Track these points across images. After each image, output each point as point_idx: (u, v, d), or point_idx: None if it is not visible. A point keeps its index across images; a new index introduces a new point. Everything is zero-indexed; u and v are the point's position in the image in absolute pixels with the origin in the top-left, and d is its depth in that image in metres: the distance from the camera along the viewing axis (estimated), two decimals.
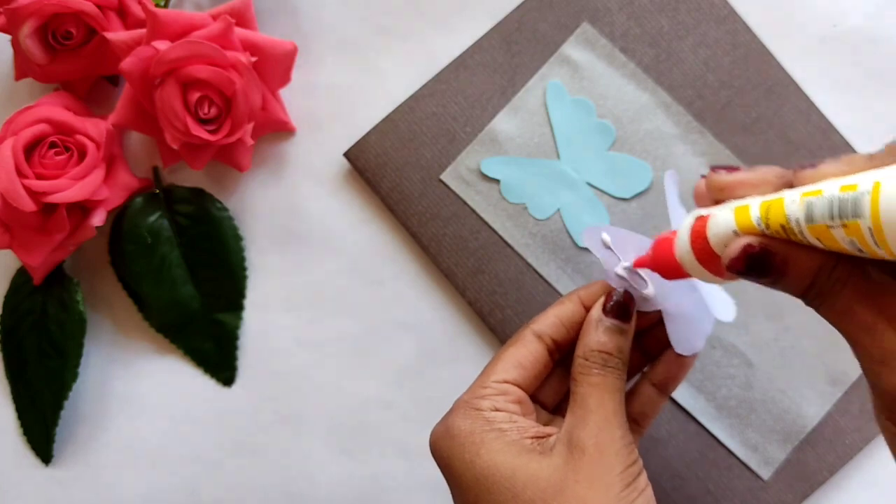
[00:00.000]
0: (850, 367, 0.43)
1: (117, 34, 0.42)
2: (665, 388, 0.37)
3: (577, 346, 0.35)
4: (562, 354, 0.37)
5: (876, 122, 0.45)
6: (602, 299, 0.35)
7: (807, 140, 0.44)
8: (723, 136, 0.45)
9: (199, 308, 0.46)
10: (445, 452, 0.34)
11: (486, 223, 0.45)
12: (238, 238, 0.46)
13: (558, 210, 0.45)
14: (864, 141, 0.44)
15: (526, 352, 0.35)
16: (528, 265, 0.45)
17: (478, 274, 0.45)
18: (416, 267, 0.46)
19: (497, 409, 0.34)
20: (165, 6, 0.46)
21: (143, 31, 0.42)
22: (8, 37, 0.44)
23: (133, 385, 0.47)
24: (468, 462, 0.32)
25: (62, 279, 0.46)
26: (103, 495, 0.46)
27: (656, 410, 0.37)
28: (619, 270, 0.35)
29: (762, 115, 0.45)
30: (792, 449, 0.43)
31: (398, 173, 0.46)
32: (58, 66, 0.44)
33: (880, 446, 0.43)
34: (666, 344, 0.37)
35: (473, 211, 0.45)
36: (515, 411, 0.34)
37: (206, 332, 0.46)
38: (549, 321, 0.36)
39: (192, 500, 0.46)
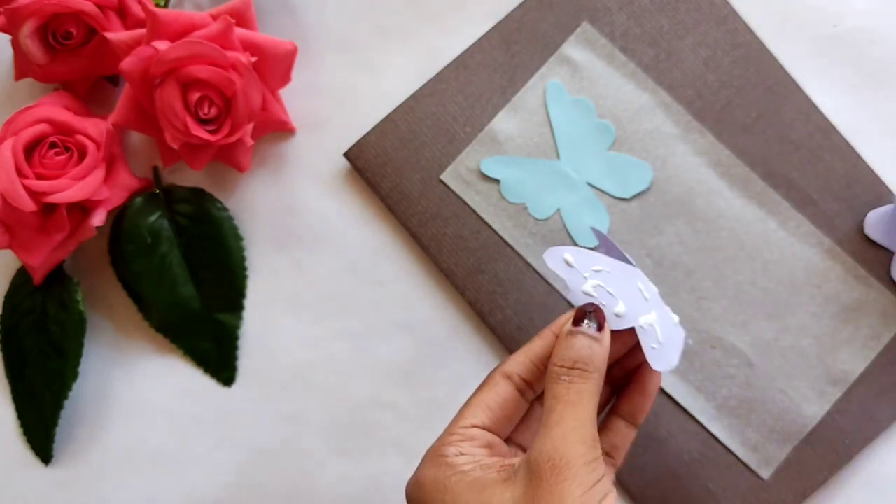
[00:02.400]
0: (850, 367, 0.43)
1: (117, 34, 0.42)
2: (634, 420, 0.36)
3: (549, 361, 0.34)
4: (536, 394, 0.36)
5: (876, 121, 0.45)
6: (573, 314, 0.34)
7: (807, 140, 0.44)
8: (723, 135, 0.45)
9: (199, 308, 0.46)
10: None
11: (486, 223, 0.45)
12: (238, 238, 0.46)
13: (558, 210, 0.45)
14: (865, 141, 0.44)
15: (494, 394, 0.34)
16: (528, 265, 0.45)
17: (478, 274, 0.45)
18: (416, 267, 0.46)
19: (462, 454, 0.33)
20: (165, 6, 0.46)
21: (143, 31, 0.42)
22: (8, 37, 0.44)
23: (133, 385, 0.47)
24: None
25: (62, 279, 0.46)
26: (103, 495, 0.46)
27: (627, 442, 0.36)
28: (587, 288, 0.35)
29: (762, 114, 0.45)
30: (792, 449, 0.43)
31: (398, 173, 0.46)
32: (58, 66, 0.44)
33: (880, 446, 0.43)
34: (630, 371, 0.37)
35: (473, 211, 0.45)
36: (482, 455, 0.33)
37: (206, 332, 0.46)
38: (518, 360, 0.35)
39: (191, 500, 0.46)
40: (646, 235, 0.44)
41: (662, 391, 0.43)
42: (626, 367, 0.37)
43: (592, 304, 0.34)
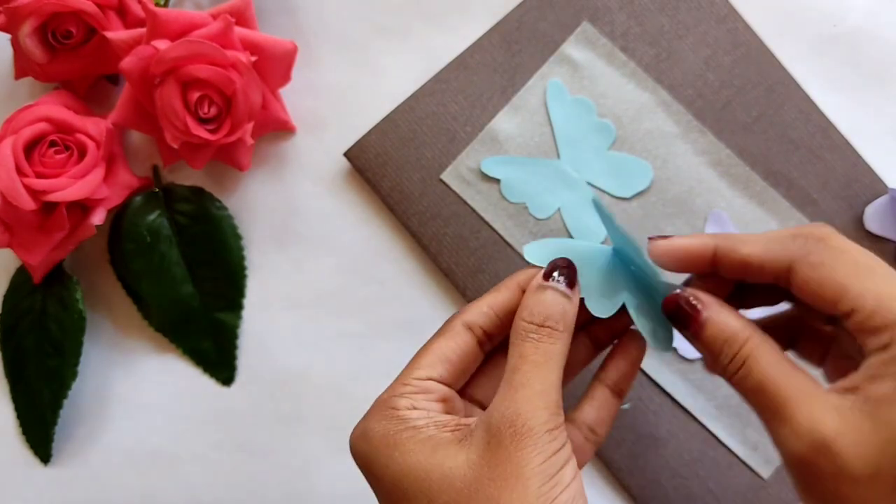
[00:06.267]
0: None
1: (117, 33, 0.42)
2: (619, 389, 0.34)
3: (516, 314, 0.31)
4: (493, 346, 0.34)
5: (876, 121, 0.45)
6: (543, 269, 0.32)
7: (807, 139, 0.44)
8: (723, 135, 0.45)
9: (199, 307, 0.46)
10: (363, 458, 0.31)
11: (486, 223, 0.45)
12: (238, 237, 0.46)
13: (558, 209, 0.45)
14: (864, 140, 0.44)
15: (454, 344, 0.32)
16: (529, 265, 0.45)
17: (478, 273, 0.45)
18: (416, 266, 0.46)
19: (415, 408, 0.30)
20: (165, 5, 0.46)
21: (143, 30, 0.42)
22: (8, 36, 0.44)
23: (132, 384, 0.47)
24: (384, 466, 0.30)
25: (62, 278, 0.46)
26: (102, 495, 0.46)
27: (613, 414, 0.34)
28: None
29: (763, 114, 0.45)
30: None
31: (398, 173, 0.45)
32: (58, 66, 0.44)
33: None
34: (617, 334, 0.35)
35: (474, 210, 0.45)
36: (436, 410, 0.31)
37: (206, 331, 0.46)
38: (482, 310, 0.32)
39: (191, 500, 0.46)
40: (646, 235, 0.44)
41: (662, 390, 0.43)
42: (613, 328, 0.35)
43: (565, 259, 0.32)
